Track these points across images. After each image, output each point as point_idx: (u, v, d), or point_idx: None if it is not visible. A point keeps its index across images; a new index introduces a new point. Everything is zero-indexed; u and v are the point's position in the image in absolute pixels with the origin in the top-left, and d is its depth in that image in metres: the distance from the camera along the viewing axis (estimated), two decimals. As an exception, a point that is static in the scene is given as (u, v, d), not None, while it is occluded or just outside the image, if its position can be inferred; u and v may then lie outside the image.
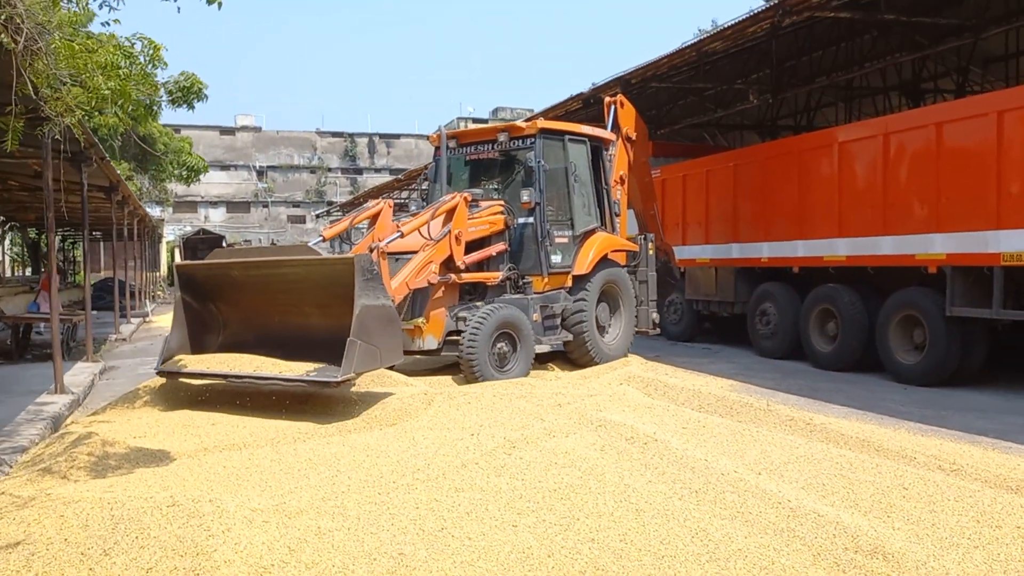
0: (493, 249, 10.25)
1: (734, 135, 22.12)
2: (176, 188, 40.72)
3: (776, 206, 12.35)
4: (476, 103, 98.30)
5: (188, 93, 7.49)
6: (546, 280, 10.54)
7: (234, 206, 66.57)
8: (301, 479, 5.80)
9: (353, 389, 8.76)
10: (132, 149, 29.80)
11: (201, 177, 47.91)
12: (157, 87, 7.40)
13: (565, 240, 10.79)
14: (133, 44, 7.14)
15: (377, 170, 69.20)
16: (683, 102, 18.48)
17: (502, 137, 10.62)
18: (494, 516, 4.84)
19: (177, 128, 39.92)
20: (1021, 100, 8.89)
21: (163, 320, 24.24)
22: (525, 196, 10.24)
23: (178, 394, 9.00)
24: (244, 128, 64.52)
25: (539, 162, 10.32)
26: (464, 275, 9.84)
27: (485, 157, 11.02)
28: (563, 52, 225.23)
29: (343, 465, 6.13)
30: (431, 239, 9.35)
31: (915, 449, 6.08)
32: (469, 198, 9.87)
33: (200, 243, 42.64)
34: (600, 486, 5.30)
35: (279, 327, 8.71)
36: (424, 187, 11.75)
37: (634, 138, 12.22)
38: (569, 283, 10.81)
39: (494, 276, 10.19)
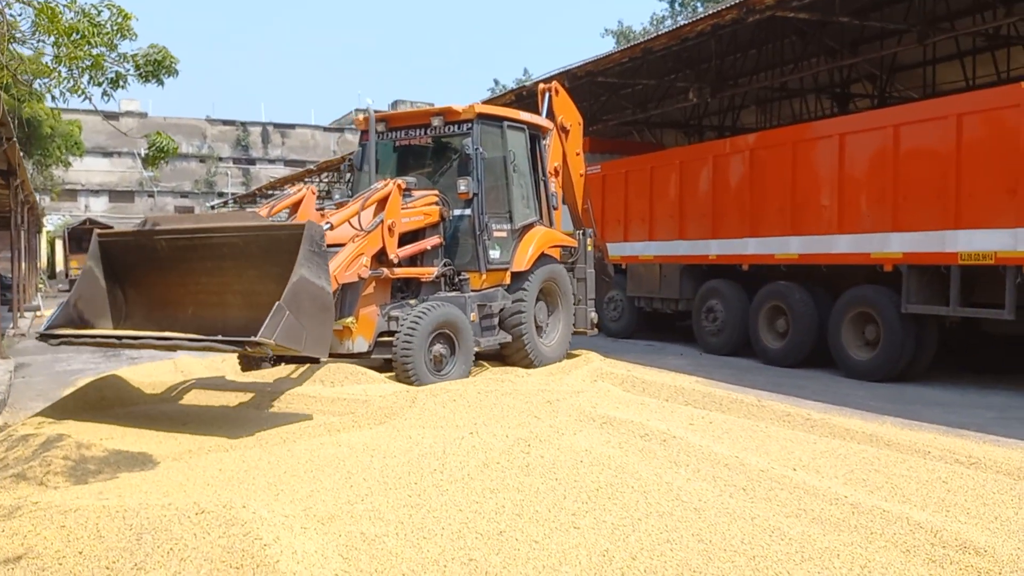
0: (428, 242, 9.57)
1: (656, 132, 22.46)
2: (64, 175, 38.30)
3: (726, 204, 12.50)
4: (375, 95, 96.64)
5: (159, 68, 6.86)
6: (484, 277, 9.88)
7: (117, 195, 63.45)
8: (313, 482, 5.42)
9: (329, 386, 8.35)
10: (15, 132, 28.00)
11: (81, 162, 45.33)
12: (126, 57, 6.81)
13: (503, 234, 10.15)
14: (100, 11, 6.55)
15: (271, 161, 67.16)
16: (607, 98, 18.57)
17: (436, 121, 9.88)
18: (547, 518, 4.61)
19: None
20: (982, 104, 9.24)
21: (59, 313, 22.72)
22: (463, 186, 9.52)
23: (129, 392, 8.40)
24: (129, 113, 61.24)
25: (477, 149, 9.66)
26: (397, 270, 9.12)
27: (416, 143, 10.29)
28: (464, 46, 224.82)
29: (350, 466, 5.76)
30: (362, 230, 8.58)
31: (926, 443, 6.18)
32: (403, 186, 9.19)
33: (86, 234, 40.06)
34: (641, 485, 5.13)
35: (192, 319, 7.72)
36: (348, 177, 10.86)
37: (569, 128, 11.71)
38: (507, 280, 10.19)
39: (429, 272, 9.52)
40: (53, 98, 6.95)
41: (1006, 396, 9.16)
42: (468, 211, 9.79)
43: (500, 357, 10.55)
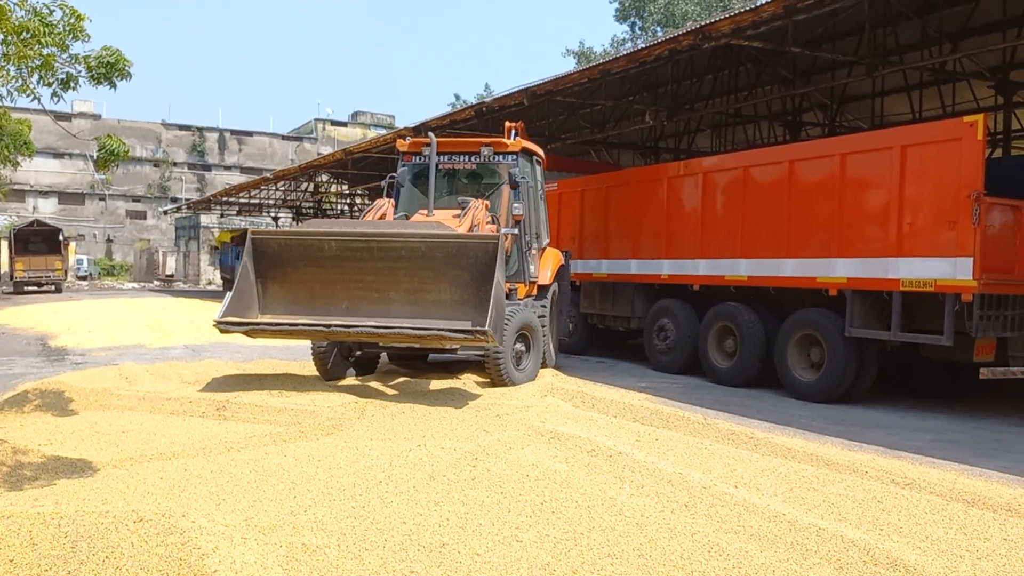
0: None
1: (613, 152, 22.73)
2: (12, 175, 37.40)
3: (678, 225, 12.67)
4: (334, 105, 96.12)
5: (111, 70, 6.78)
6: (527, 288, 10.94)
7: (67, 197, 62.16)
8: (256, 492, 5.38)
9: (277, 396, 8.29)
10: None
11: (30, 163, 44.26)
12: (78, 59, 6.72)
13: (535, 252, 11.36)
14: (52, 11, 6.48)
15: (227, 167, 66.43)
16: (566, 117, 18.76)
17: (486, 151, 10.95)
18: (491, 531, 4.63)
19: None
20: (926, 136, 9.50)
21: (3, 317, 22.20)
22: (517, 209, 10.66)
23: (69, 398, 8.25)
24: (82, 115, 60.23)
25: (524, 178, 10.82)
26: None
27: (457, 168, 11.22)
28: (425, 60, 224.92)
29: (295, 477, 5.74)
30: None
31: (864, 464, 6.31)
32: (488, 205, 10.28)
33: (33, 235, 39.12)
34: (586, 500, 5.19)
35: (345, 311, 8.58)
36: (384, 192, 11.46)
37: None
38: (535, 292, 11.32)
39: None
40: (0, 96, 6.87)
41: (944, 420, 9.39)
42: (515, 230, 10.75)
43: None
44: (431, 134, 10.98)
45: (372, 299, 8.62)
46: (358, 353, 10.40)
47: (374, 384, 9.43)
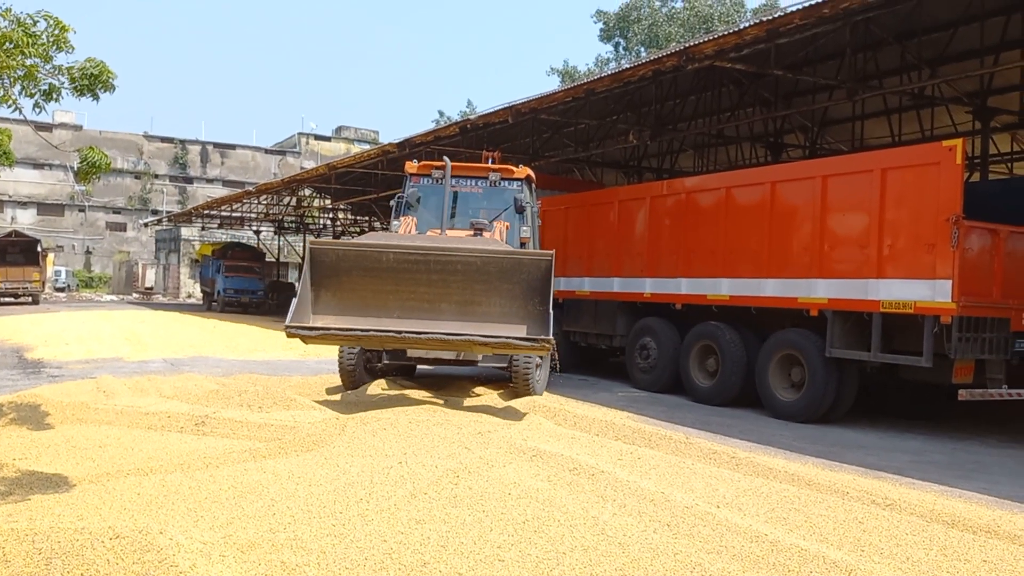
0: None
1: (597, 170, 22.84)
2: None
3: (661, 244, 12.73)
4: (318, 119, 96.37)
5: (95, 82, 6.73)
6: None
7: (46, 208, 61.57)
8: (234, 508, 5.31)
9: (257, 412, 8.22)
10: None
11: (9, 173, 44.00)
12: (61, 70, 6.67)
13: None
14: (36, 22, 6.45)
15: (209, 180, 66.10)
16: (550, 135, 18.84)
17: (494, 176, 11.35)
18: (472, 550, 4.60)
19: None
20: (906, 160, 9.61)
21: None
22: (525, 231, 11.16)
23: (46, 411, 8.16)
24: (63, 125, 59.75)
25: (529, 203, 11.30)
26: None
27: (463, 191, 11.52)
28: (408, 77, 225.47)
29: (274, 493, 5.68)
30: None
31: (845, 484, 6.34)
32: (508, 226, 10.81)
33: (10, 246, 38.66)
34: (568, 519, 5.17)
35: (395, 321, 8.78)
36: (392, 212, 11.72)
37: None
38: None
39: None
40: None
41: (922, 441, 9.45)
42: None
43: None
44: (446, 158, 11.25)
45: (423, 309, 8.95)
46: (379, 365, 10.69)
47: (356, 400, 9.38)
